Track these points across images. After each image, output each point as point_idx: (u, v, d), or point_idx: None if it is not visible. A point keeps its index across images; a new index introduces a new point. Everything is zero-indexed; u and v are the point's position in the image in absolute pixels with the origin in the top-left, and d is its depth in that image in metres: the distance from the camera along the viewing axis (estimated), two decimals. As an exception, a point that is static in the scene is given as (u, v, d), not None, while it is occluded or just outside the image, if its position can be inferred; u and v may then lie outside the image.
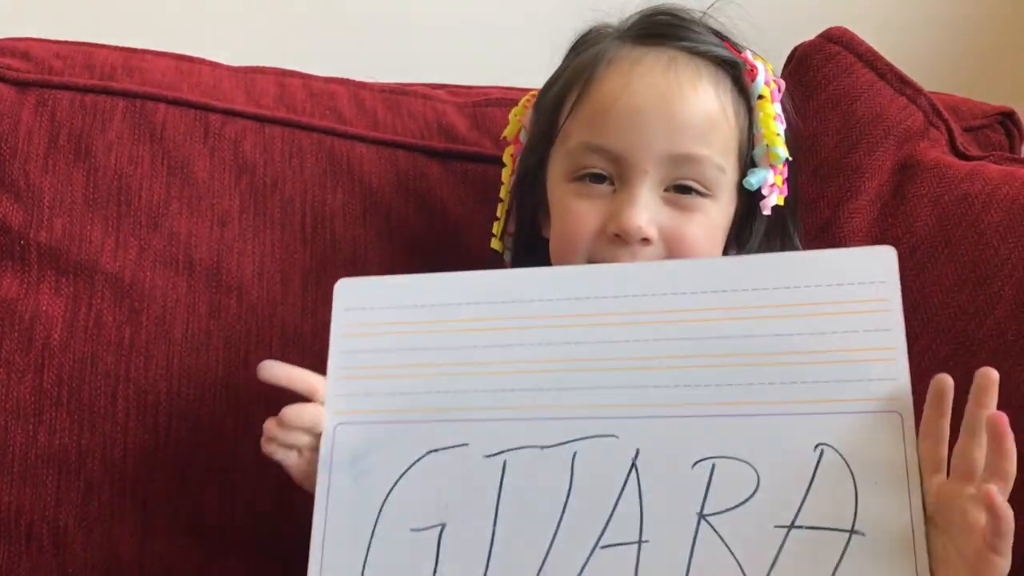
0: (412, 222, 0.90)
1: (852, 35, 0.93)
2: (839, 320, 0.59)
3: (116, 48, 0.92)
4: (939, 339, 0.78)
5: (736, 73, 0.76)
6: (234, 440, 0.82)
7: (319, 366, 0.84)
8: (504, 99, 0.99)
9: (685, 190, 0.73)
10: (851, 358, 0.58)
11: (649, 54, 0.74)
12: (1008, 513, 0.52)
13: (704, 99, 0.73)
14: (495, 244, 0.84)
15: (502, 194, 0.84)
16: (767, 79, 0.77)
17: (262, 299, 0.85)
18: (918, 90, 0.90)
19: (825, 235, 0.86)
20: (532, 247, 0.81)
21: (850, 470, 0.56)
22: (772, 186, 0.76)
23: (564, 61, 0.81)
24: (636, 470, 0.59)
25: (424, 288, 0.67)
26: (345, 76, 0.99)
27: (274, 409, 0.83)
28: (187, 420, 0.82)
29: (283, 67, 0.98)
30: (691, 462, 0.58)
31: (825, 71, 0.91)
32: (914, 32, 1.24)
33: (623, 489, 0.58)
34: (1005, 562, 0.55)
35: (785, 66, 0.96)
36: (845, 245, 0.85)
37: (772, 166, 0.76)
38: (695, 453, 0.58)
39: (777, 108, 0.77)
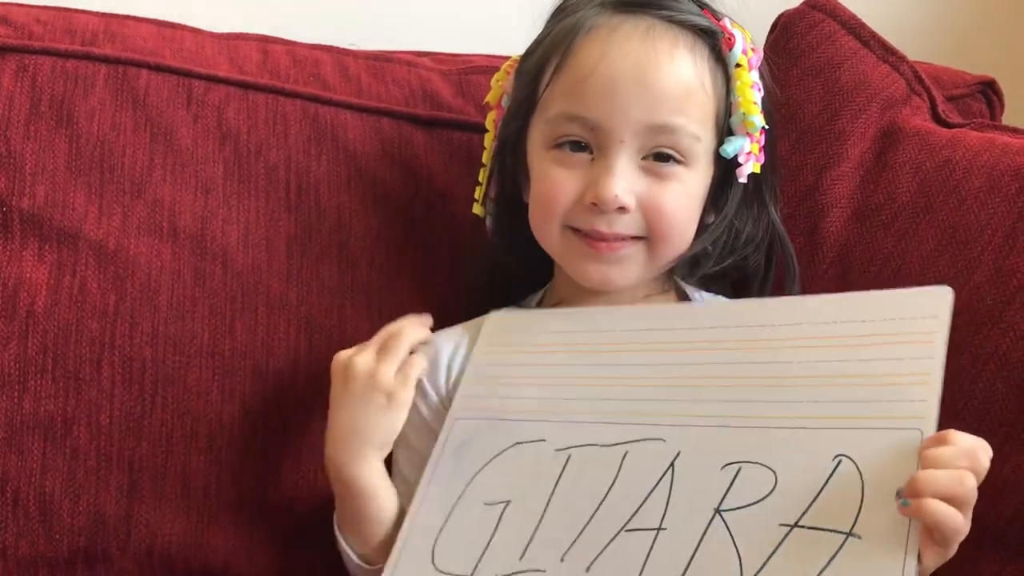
0: (397, 189, 0.90)
1: (835, 3, 0.93)
2: (886, 349, 0.62)
3: (97, 13, 0.91)
4: (919, 304, 0.79)
5: (714, 42, 0.76)
6: (220, 406, 0.82)
7: (305, 331, 0.85)
8: (488, 67, 0.98)
9: (662, 158, 0.73)
10: (888, 382, 0.61)
11: (627, 22, 0.74)
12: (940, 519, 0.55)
13: (680, 68, 0.73)
14: (477, 209, 0.85)
15: (485, 159, 0.84)
16: (744, 48, 0.77)
17: (247, 266, 0.85)
18: (901, 58, 0.90)
19: (808, 201, 0.87)
20: (513, 212, 0.81)
21: (861, 479, 0.58)
22: (748, 154, 0.77)
23: (546, 26, 0.81)
24: (673, 469, 0.64)
25: (541, 320, 0.80)
26: (328, 43, 0.99)
27: (260, 376, 0.84)
28: (173, 386, 0.82)
29: (265, 33, 0.97)
30: (721, 464, 0.62)
31: (809, 39, 0.91)
32: (898, 1, 1.24)
33: (658, 483, 0.63)
34: (945, 552, 0.56)
35: (769, 33, 0.96)
36: (827, 213, 0.86)
37: (748, 134, 0.76)
38: (727, 457, 0.62)
39: (754, 76, 0.77)
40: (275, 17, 1.05)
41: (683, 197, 0.74)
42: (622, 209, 0.72)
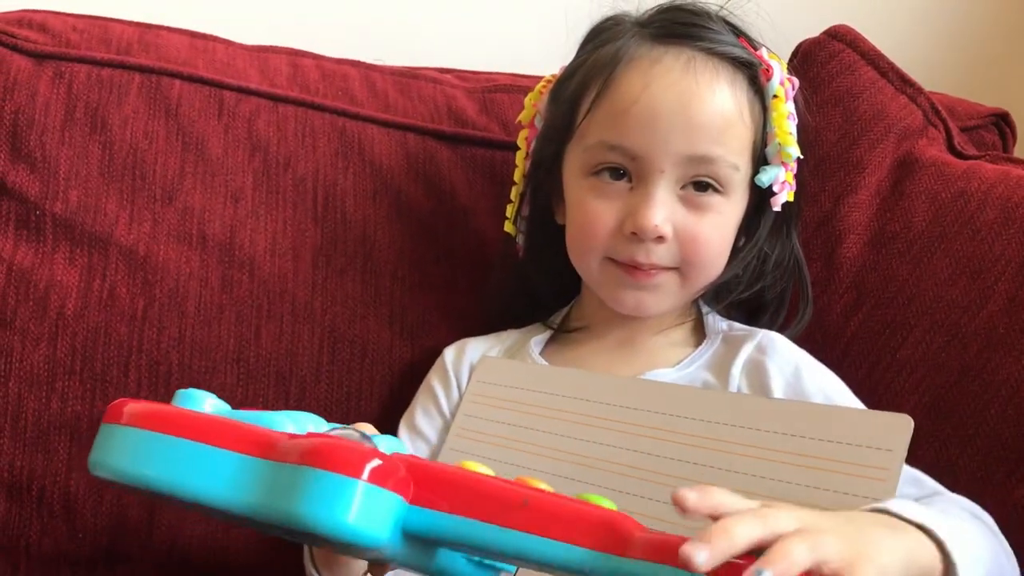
0: (421, 204, 0.92)
1: (856, 33, 0.95)
2: (838, 479, 0.59)
3: (132, 23, 0.94)
4: (933, 331, 0.80)
5: (752, 72, 0.77)
6: (243, 412, 0.84)
7: (327, 339, 0.86)
8: (512, 85, 1.00)
9: (701, 187, 0.75)
10: None
11: (668, 54, 0.75)
12: None
13: (721, 100, 0.74)
14: (508, 227, 0.86)
15: (516, 177, 0.86)
16: (781, 78, 0.78)
17: (273, 275, 0.87)
18: (918, 89, 0.92)
19: (825, 228, 0.88)
20: (546, 232, 0.83)
21: None
22: (783, 183, 0.78)
23: (581, 52, 0.82)
24: None
25: (529, 374, 0.78)
26: (354, 58, 1.00)
27: (284, 383, 0.85)
28: (198, 391, 0.83)
29: (294, 47, 0.99)
30: None
31: (828, 68, 0.93)
32: (915, 32, 1.26)
33: None
34: None
35: (789, 62, 0.98)
36: (844, 239, 0.87)
37: (783, 163, 0.78)
38: None
39: (790, 107, 0.79)
40: (303, 30, 1.07)
41: (719, 227, 0.76)
42: (660, 239, 0.73)
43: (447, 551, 0.52)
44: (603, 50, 0.78)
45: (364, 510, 0.44)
